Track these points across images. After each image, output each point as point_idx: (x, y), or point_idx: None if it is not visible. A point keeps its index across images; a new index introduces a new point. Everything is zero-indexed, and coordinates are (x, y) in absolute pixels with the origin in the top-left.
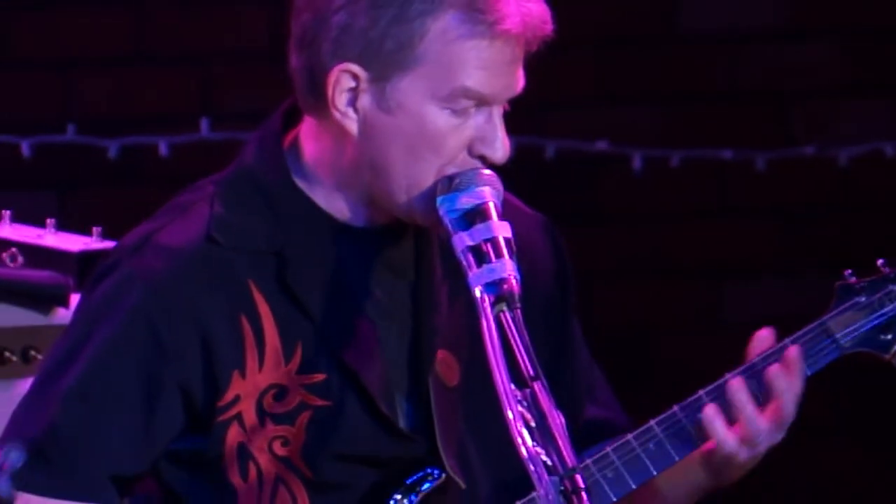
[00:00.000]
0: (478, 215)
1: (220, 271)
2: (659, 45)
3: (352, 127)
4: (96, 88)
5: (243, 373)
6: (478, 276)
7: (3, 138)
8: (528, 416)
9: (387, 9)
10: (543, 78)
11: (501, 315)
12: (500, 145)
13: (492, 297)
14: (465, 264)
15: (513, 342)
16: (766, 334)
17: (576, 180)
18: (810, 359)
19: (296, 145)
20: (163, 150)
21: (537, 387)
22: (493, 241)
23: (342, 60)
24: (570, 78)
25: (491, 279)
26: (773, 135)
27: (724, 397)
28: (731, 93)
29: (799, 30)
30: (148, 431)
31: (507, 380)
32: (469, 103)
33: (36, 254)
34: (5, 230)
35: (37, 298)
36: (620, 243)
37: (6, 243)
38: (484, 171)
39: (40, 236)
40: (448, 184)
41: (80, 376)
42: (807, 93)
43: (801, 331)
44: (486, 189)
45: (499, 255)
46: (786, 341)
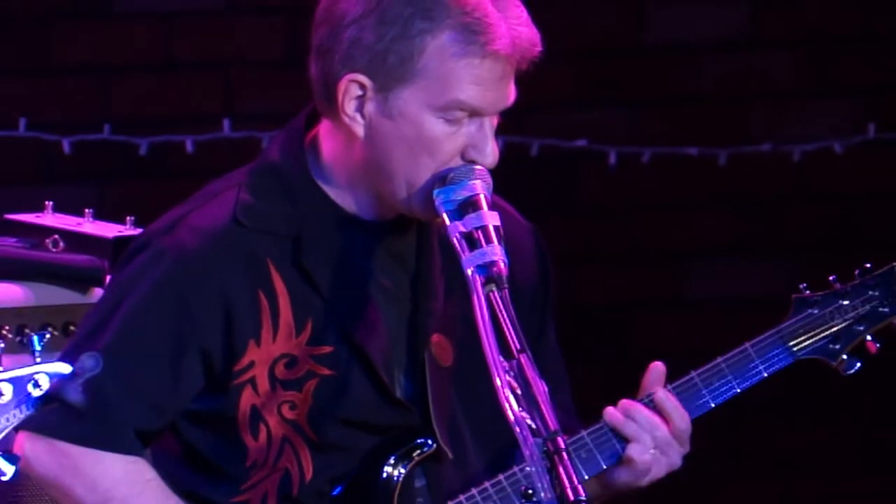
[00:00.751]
0: (470, 206)
1: (243, 251)
2: (630, 55)
3: (359, 130)
4: (129, 92)
5: (258, 342)
6: (470, 259)
7: (46, 137)
8: (515, 384)
9: (391, 26)
10: (529, 84)
11: (491, 294)
12: (489, 152)
13: (482, 278)
14: (458, 249)
15: (501, 318)
16: (659, 368)
17: (557, 175)
18: (765, 363)
19: (315, 144)
20: (188, 147)
21: (523, 358)
22: (484, 229)
23: (351, 71)
24: (553, 84)
25: (482, 262)
26: (734, 133)
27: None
28: (695, 96)
29: (756, 40)
30: (172, 390)
31: (496, 351)
32: (462, 114)
33: (75, 240)
34: (48, 219)
35: (76, 280)
36: (597, 230)
37: (49, 230)
38: (476, 167)
39: (79, 224)
40: (444, 178)
41: (115, 338)
42: (763, 96)
43: (758, 337)
44: (478, 182)
45: (489, 240)
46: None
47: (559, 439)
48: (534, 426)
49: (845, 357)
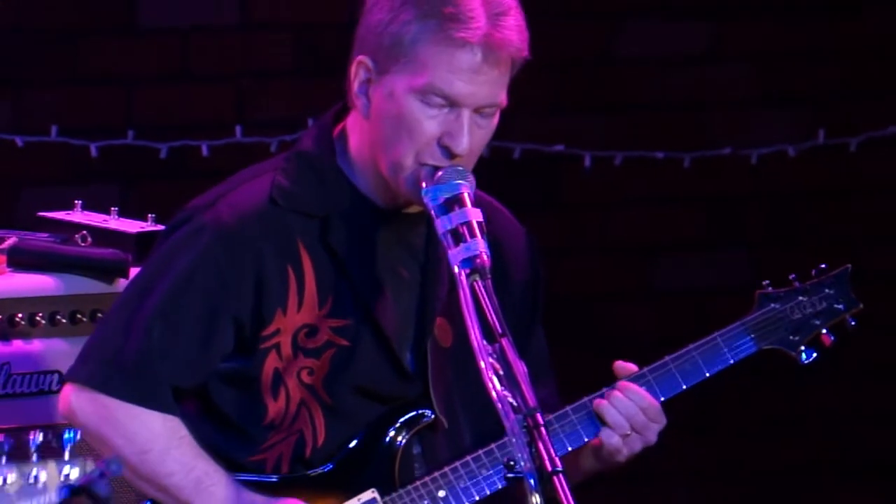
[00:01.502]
0: (455, 203)
1: (276, 228)
2: (603, 68)
3: (364, 110)
4: (150, 101)
5: (285, 311)
6: (456, 254)
7: (75, 142)
8: (497, 366)
9: (391, 13)
10: (512, 94)
11: (475, 284)
12: (462, 140)
13: (467, 270)
14: (445, 244)
15: (485, 305)
16: (625, 366)
17: (538, 176)
18: (732, 351)
19: (343, 135)
20: (204, 151)
21: (504, 342)
22: (468, 224)
23: (361, 53)
24: (534, 93)
25: (467, 255)
26: (697, 139)
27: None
28: (662, 105)
29: (717, 54)
30: (206, 351)
31: (480, 336)
32: (440, 101)
33: (102, 235)
34: (77, 216)
35: (103, 271)
36: (573, 226)
37: (78, 227)
38: (459, 168)
39: (105, 221)
40: (432, 177)
41: (159, 303)
42: (724, 105)
43: (726, 328)
44: (462, 183)
45: (472, 235)
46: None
47: (538, 415)
48: (515, 403)
49: (803, 348)
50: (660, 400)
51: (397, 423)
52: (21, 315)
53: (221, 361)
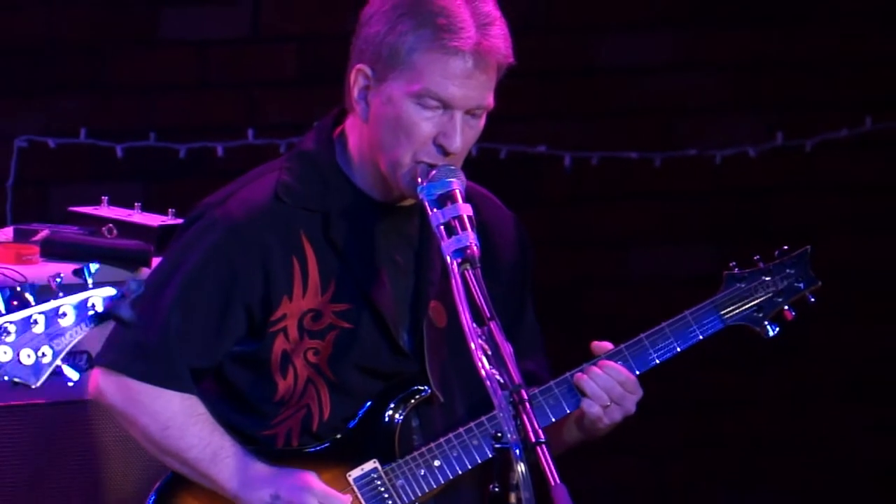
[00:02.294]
0: (448, 198)
1: (281, 222)
2: (582, 75)
3: (363, 114)
4: (170, 106)
5: (291, 298)
6: (449, 245)
7: (102, 143)
8: (486, 346)
9: (388, 25)
10: (497, 99)
11: (466, 272)
12: (455, 140)
13: (458, 259)
14: (438, 235)
15: (474, 291)
16: (601, 345)
17: (522, 174)
18: (701, 328)
19: (342, 136)
20: (219, 152)
21: (493, 325)
22: (459, 218)
23: (359, 62)
24: (518, 99)
25: (458, 246)
26: (666, 141)
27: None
28: (635, 110)
29: (685, 64)
30: (220, 336)
31: (470, 320)
32: (435, 103)
33: (126, 228)
34: (104, 210)
35: (127, 261)
36: (555, 221)
37: (105, 220)
38: (451, 167)
39: (130, 215)
40: (427, 174)
41: (176, 293)
42: (691, 110)
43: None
44: (454, 181)
45: (463, 228)
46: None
47: (522, 391)
48: (502, 381)
49: (767, 324)
50: (635, 373)
51: (397, 398)
52: None
53: (234, 345)
